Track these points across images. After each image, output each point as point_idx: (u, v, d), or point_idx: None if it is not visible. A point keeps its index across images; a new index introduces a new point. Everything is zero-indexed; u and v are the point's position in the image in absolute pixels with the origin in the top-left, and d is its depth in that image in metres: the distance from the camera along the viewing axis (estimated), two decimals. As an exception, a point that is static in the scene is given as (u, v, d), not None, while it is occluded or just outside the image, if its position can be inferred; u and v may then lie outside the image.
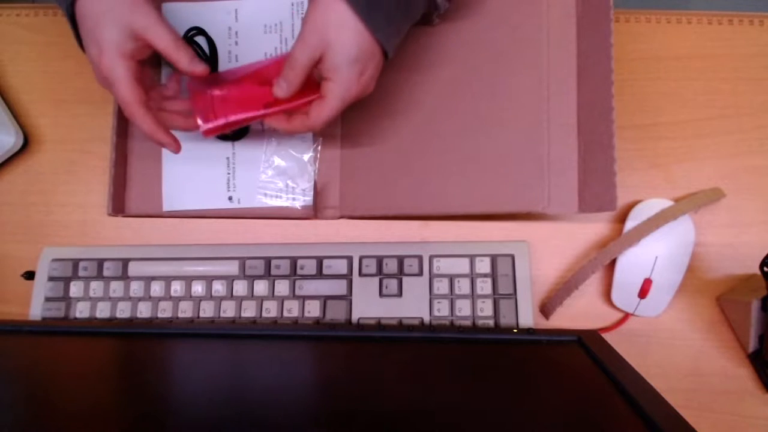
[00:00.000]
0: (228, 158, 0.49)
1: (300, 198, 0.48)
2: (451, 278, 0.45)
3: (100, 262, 0.47)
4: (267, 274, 0.46)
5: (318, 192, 0.48)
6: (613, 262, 0.45)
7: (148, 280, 0.46)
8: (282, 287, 0.45)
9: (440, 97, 0.45)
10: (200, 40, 0.49)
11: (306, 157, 0.48)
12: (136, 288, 0.46)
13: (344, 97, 0.38)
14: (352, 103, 0.39)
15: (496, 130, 0.43)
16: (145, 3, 0.37)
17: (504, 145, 0.43)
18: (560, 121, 0.42)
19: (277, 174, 0.48)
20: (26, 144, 0.50)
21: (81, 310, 0.46)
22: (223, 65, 0.49)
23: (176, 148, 0.41)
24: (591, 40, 0.41)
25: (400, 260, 0.45)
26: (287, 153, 0.48)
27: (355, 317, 0.44)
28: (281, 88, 0.38)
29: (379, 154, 0.47)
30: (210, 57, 0.49)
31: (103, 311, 0.46)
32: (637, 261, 0.44)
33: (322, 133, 0.48)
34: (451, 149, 0.44)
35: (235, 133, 0.48)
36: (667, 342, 0.45)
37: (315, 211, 0.47)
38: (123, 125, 0.49)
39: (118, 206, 0.48)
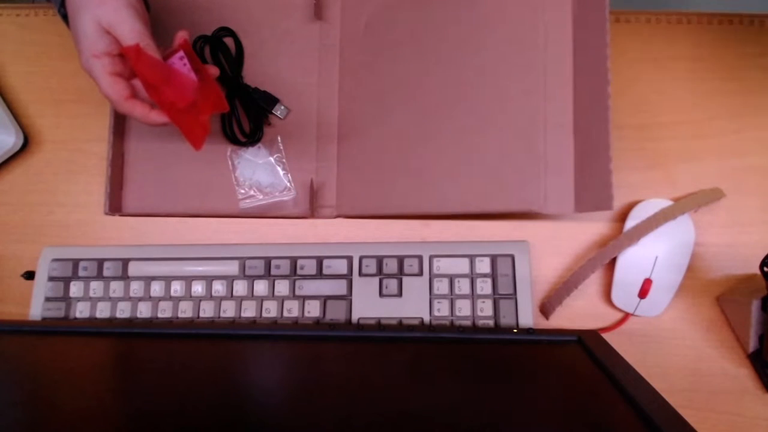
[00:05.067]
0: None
1: (285, 198, 0.48)
2: (451, 278, 0.45)
3: (100, 262, 0.47)
4: (267, 274, 0.46)
5: (314, 191, 0.48)
6: (613, 262, 0.45)
7: (148, 280, 0.46)
8: (282, 287, 0.45)
9: (437, 97, 0.45)
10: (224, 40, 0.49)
11: (272, 159, 0.48)
12: (136, 288, 0.46)
13: None
14: None
15: (493, 130, 0.43)
16: None
17: (500, 145, 0.43)
18: (556, 121, 0.42)
19: (250, 188, 0.48)
20: (26, 144, 0.50)
21: (81, 310, 0.46)
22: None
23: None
24: (587, 39, 0.41)
25: (400, 260, 0.45)
26: (252, 164, 0.48)
27: (355, 317, 0.44)
28: None
29: (376, 153, 0.47)
30: (236, 59, 0.49)
31: (103, 311, 0.46)
32: (637, 261, 0.44)
33: (320, 132, 0.49)
34: (448, 149, 0.44)
35: (249, 137, 0.48)
36: (667, 342, 0.45)
37: (311, 210, 0.47)
38: (120, 124, 0.49)
39: (115, 205, 0.48)
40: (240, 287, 0.46)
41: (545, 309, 0.45)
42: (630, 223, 0.44)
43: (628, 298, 0.44)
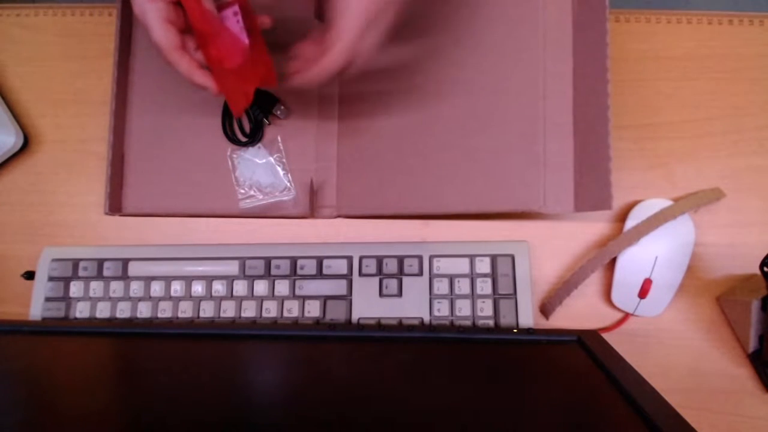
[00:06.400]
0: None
1: (285, 198, 0.48)
2: (451, 278, 0.45)
3: (100, 262, 0.47)
4: (267, 274, 0.46)
5: (314, 191, 0.48)
6: (613, 262, 0.45)
7: (148, 280, 0.46)
8: (282, 287, 0.45)
9: (437, 96, 0.45)
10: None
11: (272, 159, 0.48)
12: (136, 288, 0.46)
13: None
14: None
15: (492, 129, 0.43)
16: None
17: (500, 144, 0.43)
18: (556, 120, 0.42)
19: (250, 188, 0.48)
20: (26, 144, 0.50)
21: (81, 310, 0.46)
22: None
23: (214, 91, 0.39)
24: (587, 38, 0.41)
25: (400, 260, 0.45)
26: (252, 164, 0.48)
27: (355, 317, 0.44)
28: None
29: (376, 153, 0.47)
30: None
31: (103, 311, 0.46)
32: (637, 261, 0.44)
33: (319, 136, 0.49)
34: (448, 148, 0.44)
35: (249, 137, 0.48)
36: (667, 342, 0.45)
37: (311, 210, 0.47)
38: (120, 124, 0.49)
39: (115, 205, 0.48)
40: (240, 287, 0.46)
41: (545, 309, 0.45)
42: (630, 223, 0.44)
43: (628, 298, 0.44)
